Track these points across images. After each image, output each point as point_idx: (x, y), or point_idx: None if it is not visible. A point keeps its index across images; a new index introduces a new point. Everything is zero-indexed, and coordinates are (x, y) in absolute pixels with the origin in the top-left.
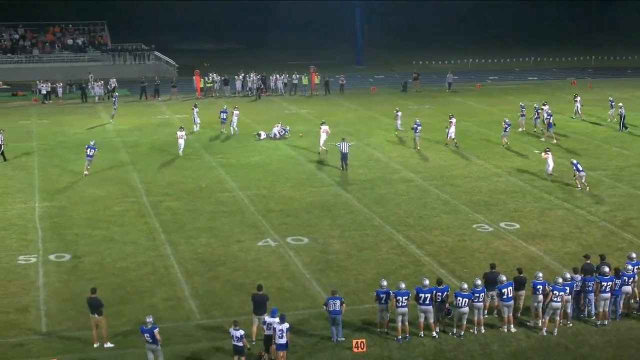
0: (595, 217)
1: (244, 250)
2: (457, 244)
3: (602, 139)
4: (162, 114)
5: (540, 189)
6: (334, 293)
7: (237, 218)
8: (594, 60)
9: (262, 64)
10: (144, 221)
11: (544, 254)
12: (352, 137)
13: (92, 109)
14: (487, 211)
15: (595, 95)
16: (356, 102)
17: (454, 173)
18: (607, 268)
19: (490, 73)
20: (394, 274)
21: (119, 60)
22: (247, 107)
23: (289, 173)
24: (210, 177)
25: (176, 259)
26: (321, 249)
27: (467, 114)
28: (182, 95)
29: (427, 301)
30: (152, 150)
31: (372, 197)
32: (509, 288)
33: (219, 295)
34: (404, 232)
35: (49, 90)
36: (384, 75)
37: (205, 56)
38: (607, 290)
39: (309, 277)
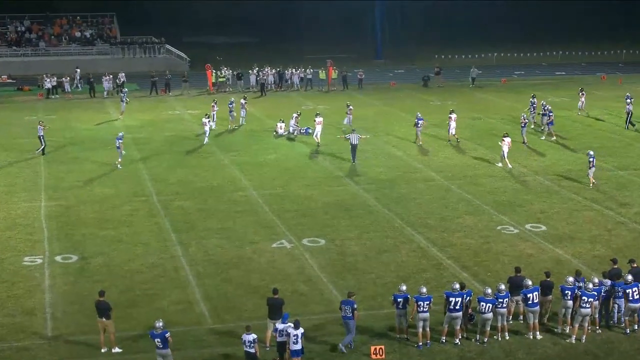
0: (625, 218)
1: (258, 252)
2: (481, 247)
3: (633, 136)
4: (173, 109)
5: (567, 189)
6: (350, 295)
7: (250, 218)
8: (625, 55)
9: (278, 58)
10: (154, 221)
11: (571, 257)
12: (370, 134)
13: (101, 104)
14: (512, 212)
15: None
16: (375, 98)
17: (478, 172)
18: (630, 276)
19: (516, 67)
20: (414, 277)
21: (129, 54)
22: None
23: (305, 171)
24: (223, 176)
25: (187, 261)
26: (338, 251)
27: (491, 111)
28: (194, 90)
29: (457, 306)
30: (162, 148)
31: (392, 196)
32: (535, 293)
33: (231, 299)
34: (425, 234)
35: (54, 84)
36: (404, 70)
37: (219, 50)
38: (635, 300)
39: (326, 280)
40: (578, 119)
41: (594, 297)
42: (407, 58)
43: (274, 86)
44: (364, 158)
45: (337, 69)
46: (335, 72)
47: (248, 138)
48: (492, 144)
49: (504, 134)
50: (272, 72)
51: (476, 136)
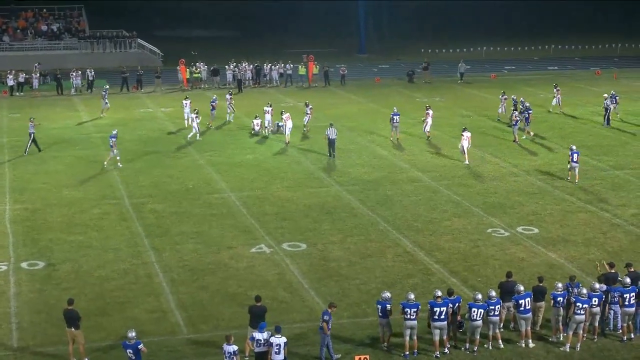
0: (621, 220)
1: (236, 257)
2: (470, 251)
3: (630, 134)
4: (145, 107)
5: (561, 190)
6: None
7: (227, 222)
8: (620, 49)
9: (255, 52)
10: (125, 225)
11: (565, 261)
12: (354, 133)
13: (69, 101)
14: (503, 214)
15: (620, 87)
16: (359, 94)
17: (466, 172)
18: (629, 279)
19: (507, 62)
20: (401, 283)
21: (98, 49)
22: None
23: (285, 172)
24: (199, 177)
25: (161, 267)
26: (321, 255)
27: (481, 107)
28: (168, 86)
29: (442, 316)
30: (134, 148)
31: (377, 198)
32: (527, 299)
33: (207, 307)
34: (412, 237)
35: (21, 81)
36: (389, 65)
37: (194, 44)
38: (631, 304)
39: (307, 287)
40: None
41: (588, 302)
42: (392, 52)
43: (251, 82)
44: (347, 157)
45: (319, 64)
46: (316, 68)
47: (225, 137)
48: (481, 143)
49: (463, 128)
50: (250, 67)
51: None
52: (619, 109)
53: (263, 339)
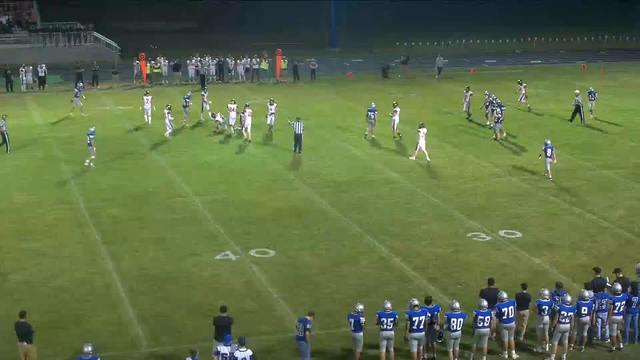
0: (609, 223)
1: (200, 265)
2: (450, 256)
3: (618, 132)
4: (102, 105)
5: (545, 191)
6: (310, 313)
7: (191, 228)
8: (607, 41)
9: (220, 46)
10: (80, 232)
11: (550, 266)
12: (325, 131)
13: (19, 99)
14: (484, 217)
15: (608, 81)
16: (330, 91)
17: (445, 173)
18: (620, 286)
19: (487, 56)
20: (376, 291)
21: (51, 42)
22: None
23: (252, 174)
24: (160, 180)
25: (119, 276)
26: (290, 263)
27: (460, 104)
28: (126, 82)
29: (421, 326)
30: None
31: (350, 201)
32: (511, 307)
33: (170, 319)
34: (387, 243)
35: None
36: (363, 59)
37: (153, 37)
38: (620, 312)
39: (276, 296)
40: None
41: (573, 310)
42: (365, 46)
43: (215, 78)
44: (318, 158)
45: (287, 58)
46: (284, 62)
47: (187, 137)
48: (461, 142)
49: (420, 124)
50: (214, 62)
51: (444, 133)
52: (595, 107)
53: (228, 353)
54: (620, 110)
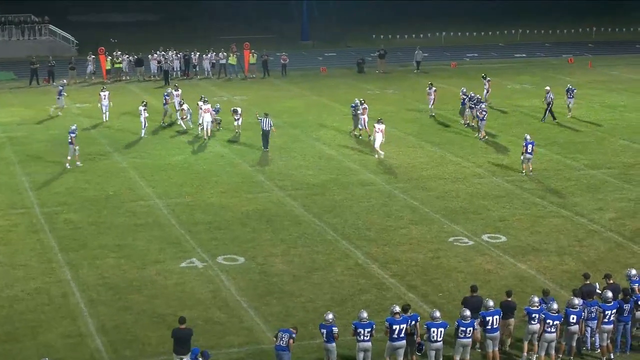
0: (598, 226)
1: (164, 273)
2: (430, 262)
3: (607, 129)
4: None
5: (531, 193)
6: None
7: (154, 233)
8: (595, 33)
9: (184, 39)
10: (36, 238)
11: (536, 272)
12: (297, 130)
13: None
14: (467, 221)
15: (596, 75)
16: (303, 86)
17: (425, 174)
18: (611, 293)
19: (468, 49)
20: (352, 300)
21: (3, 36)
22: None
23: (219, 175)
24: (121, 182)
25: (78, 286)
26: (261, 270)
27: (440, 100)
28: (83, 79)
29: (402, 334)
30: (46, 149)
31: (324, 204)
32: (496, 317)
33: (132, 330)
34: (364, 248)
35: None
36: (337, 53)
37: (113, 30)
38: (610, 321)
39: (246, 305)
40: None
41: (559, 319)
42: (339, 39)
43: (179, 73)
44: (289, 158)
45: (256, 52)
46: (253, 57)
47: (150, 136)
48: (441, 140)
49: (378, 119)
50: (178, 56)
51: (423, 131)
52: (574, 106)
53: None
54: (610, 107)
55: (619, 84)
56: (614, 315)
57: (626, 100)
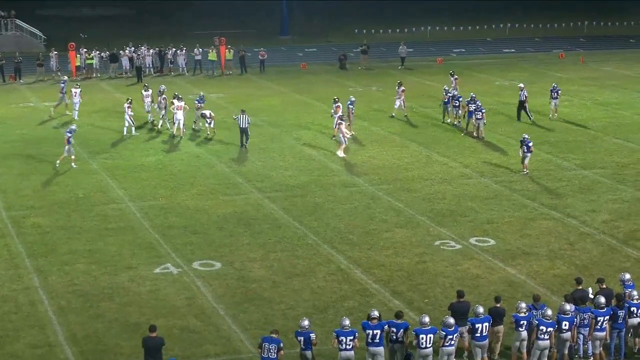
0: (591, 228)
1: (137, 279)
2: (415, 267)
3: (600, 128)
4: (25, 100)
5: (520, 194)
6: (274, 332)
7: (126, 237)
8: (587, 27)
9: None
10: (2, 243)
11: (526, 277)
12: (276, 129)
13: None
14: (454, 223)
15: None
16: (282, 83)
17: (410, 174)
18: (603, 298)
19: (455, 44)
20: (334, 307)
21: None
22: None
23: (195, 177)
24: (91, 184)
25: (46, 293)
26: (238, 275)
27: (426, 97)
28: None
29: (376, 339)
30: (13, 149)
31: (304, 207)
32: (485, 324)
33: (103, 340)
34: (346, 253)
35: None
36: (317, 48)
37: (83, 25)
38: (603, 328)
39: (223, 313)
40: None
41: (553, 326)
42: (320, 33)
43: (152, 70)
44: (268, 158)
45: (233, 48)
46: (230, 52)
47: (121, 135)
48: (426, 139)
49: (340, 115)
50: (151, 52)
51: (408, 130)
52: (558, 106)
53: None
54: (603, 104)
55: (612, 80)
56: (607, 322)
57: (619, 98)
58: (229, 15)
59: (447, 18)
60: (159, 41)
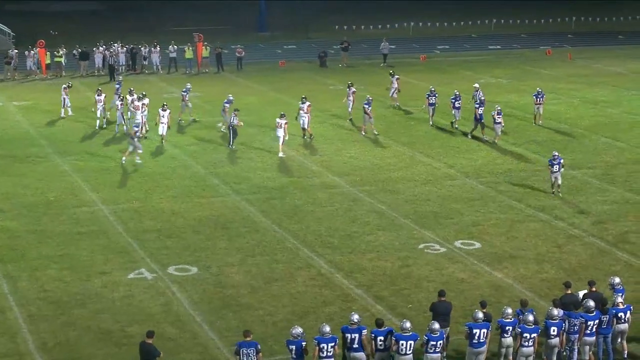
0: (580, 231)
1: (110, 285)
2: (399, 271)
3: (588, 126)
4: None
5: (507, 195)
6: (247, 335)
7: (99, 242)
8: (575, 23)
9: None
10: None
11: (513, 281)
12: (254, 129)
13: None
14: (438, 226)
15: (576, 69)
16: (260, 81)
17: (393, 175)
18: (592, 302)
19: (439, 41)
20: (315, 312)
21: None
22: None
23: (170, 179)
24: (62, 186)
25: (16, 300)
26: (215, 281)
27: (408, 96)
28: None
29: (355, 344)
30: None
31: (283, 209)
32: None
33: (75, 348)
34: (327, 256)
35: None
36: (297, 45)
37: (53, 21)
38: (592, 332)
39: (200, 320)
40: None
41: (536, 331)
42: (300, 30)
43: (125, 68)
44: (246, 159)
45: (209, 45)
46: (206, 49)
47: (93, 136)
48: (409, 139)
49: (281, 113)
50: (124, 49)
51: (390, 129)
52: (543, 112)
53: None
54: (591, 102)
55: (600, 77)
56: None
57: (608, 95)
58: (204, 10)
59: (430, 14)
60: (133, 38)
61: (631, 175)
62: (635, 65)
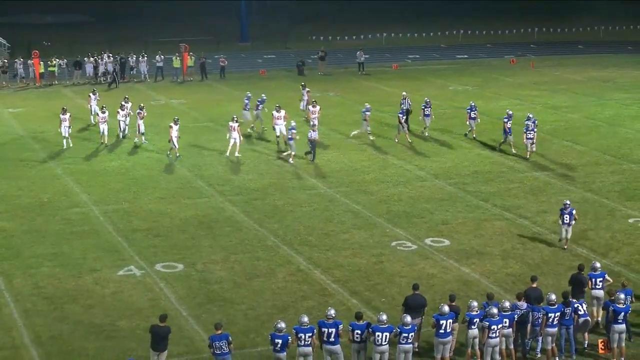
0: (542, 228)
1: (101, 282)
2: (373, 267)
3: (550, 131)
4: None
5: (474, 195)
6: (218, 328)
7: (90, 240)
8: (537, 34)
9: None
10: None
11: (480, 276)
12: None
13: None
14: (409, 225)
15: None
16: (241, 89)
17: (367, 177)
18: (554, 295)
19: (410, 50)
20: (294, 306)
21: None
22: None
23: (157, 181)
24: (55, 189)
25: (11, 296)
26: (200, 277)
27: (382, 102)
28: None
29: (332, 338)
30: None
31: (264, 209)
32: (449, 320)
33: (68, 341)
34: (306, 254)
35: None
36: (276, 55)
37: (47, 32)
38: (554, 324)
39: (186, 314)
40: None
41: (500, 323)
42: (279, 40)
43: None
44: (229, 163)
45: (194, 54)
46: (191, 59)
47: (83, 141)
48: (382, 143)
49: (175, 118)
50: (112, 59)
51: (364, 134)
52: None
53: None
54: (553, 107)
55: (561, 84)
56: (557, 319)
57: (569, 101)
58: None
59: (401, 25)
60: (121, 47)
61: (590, 176)
62: (594, 72)
